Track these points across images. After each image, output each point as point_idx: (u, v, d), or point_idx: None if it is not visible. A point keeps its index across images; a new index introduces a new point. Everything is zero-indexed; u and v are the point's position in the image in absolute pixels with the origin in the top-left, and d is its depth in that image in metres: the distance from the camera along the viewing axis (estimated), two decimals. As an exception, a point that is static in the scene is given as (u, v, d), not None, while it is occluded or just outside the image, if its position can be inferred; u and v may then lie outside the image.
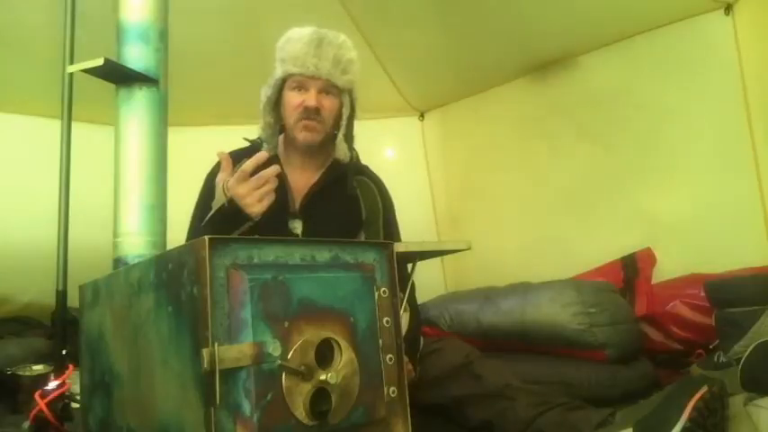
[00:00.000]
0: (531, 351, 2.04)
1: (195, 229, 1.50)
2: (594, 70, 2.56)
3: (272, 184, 1.26)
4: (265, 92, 1.55)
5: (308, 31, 1.52)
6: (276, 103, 1.56)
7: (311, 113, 1.50)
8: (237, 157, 1.61)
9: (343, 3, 2.50)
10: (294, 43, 1.51)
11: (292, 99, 1.52)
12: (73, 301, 1.32)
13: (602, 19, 2.37)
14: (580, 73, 2.60)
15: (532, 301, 2.06)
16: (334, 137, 1.56)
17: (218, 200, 1.35)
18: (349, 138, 1.59)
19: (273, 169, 1.25)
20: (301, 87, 1.51)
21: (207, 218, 1.37)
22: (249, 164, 1.24)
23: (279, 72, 1.53)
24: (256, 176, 1.24)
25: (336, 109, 1.54)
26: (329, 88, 1.52)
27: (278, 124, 1.58)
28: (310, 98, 1.49)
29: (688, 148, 2.25)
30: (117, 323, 1.02)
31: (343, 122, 1.56)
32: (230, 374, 0.73)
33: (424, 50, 2.79)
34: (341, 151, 1.56)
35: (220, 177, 1.37)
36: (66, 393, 1.26)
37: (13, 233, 2.53)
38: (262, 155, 1.25)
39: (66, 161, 1.50)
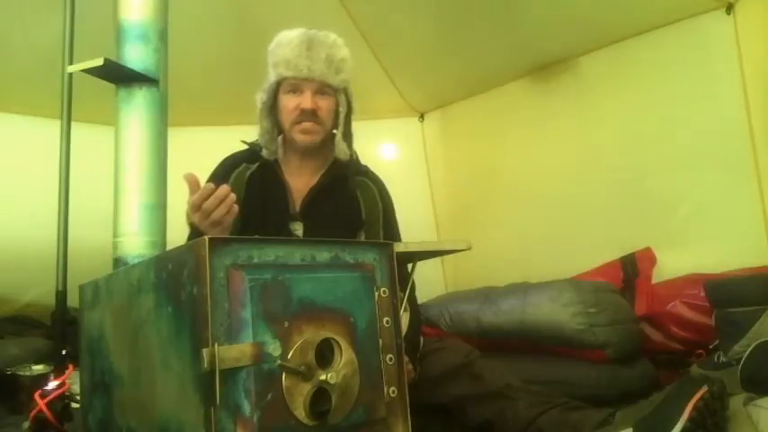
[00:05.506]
0: (531, 351, 2.04)
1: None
2: (595, 71, 2.55)
3: (220, 212, 1.22)
4: (260, 97, 1.55)
5: (297, 33, 1.51)
6: (272, 107, 1.56)
7: (308, 115, 1.50)
8: (236, 161, 1.62)
9: (344, 4, 2.50)
10: (285, 46, 1.50)
11: (288, 102, 1.52)
12: (73, 301, 1.32)
13: (602, 19, 2.36)
14: (580, 74, 2.59)
15: (532, 300, 2.06)
16: (333, 136, 1.56)
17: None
18: (348, 136, 1.59)
19: (214, 199, 1.21)
20: (296, 90, 1.51)
21: (189, 234, 1.40)
22: (196, 197, 1.22)
23: (272, 76, 1.52)
24: (201, 211, 1.22)
25: (333, 109, 1.54)
26: (324, 89, 1.51)
27: (275, 129, 1.58)
28: (306, 100, 1.49)
29: (688, 148, 2.25)
30: (117, 323, 1.02)
31: (341, 121, 1.55)
32: (230, 374, 0.73)
33: (425, 52, 2.79)
34: (340, 150, 1.56)
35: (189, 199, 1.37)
36: (66, 393, 1.26)
37: (13, 233, 2.53)
38: (207, 188, 1.22)
39: (65, 161, 1.50)
